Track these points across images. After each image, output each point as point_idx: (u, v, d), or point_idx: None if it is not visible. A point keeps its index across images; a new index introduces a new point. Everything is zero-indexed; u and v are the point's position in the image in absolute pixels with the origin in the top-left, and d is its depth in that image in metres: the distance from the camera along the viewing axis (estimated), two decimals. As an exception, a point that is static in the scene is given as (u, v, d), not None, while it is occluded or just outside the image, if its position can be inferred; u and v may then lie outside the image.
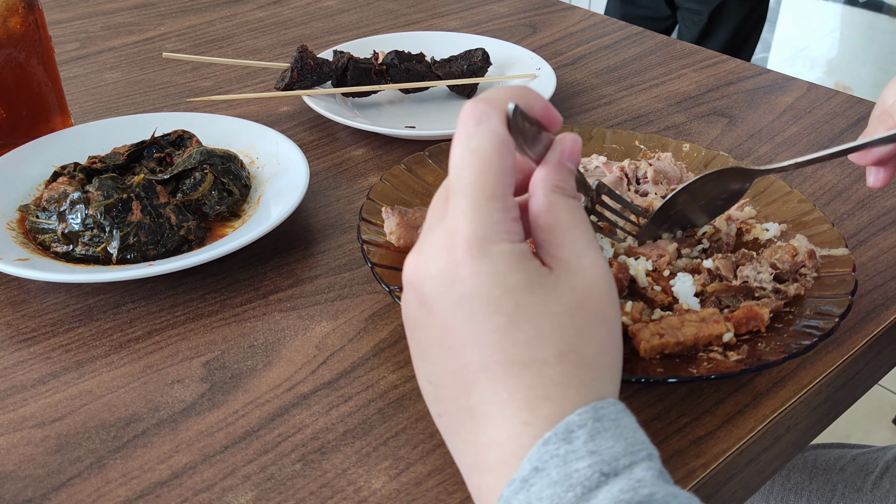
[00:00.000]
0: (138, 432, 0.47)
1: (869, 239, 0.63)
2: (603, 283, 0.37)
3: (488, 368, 0.34)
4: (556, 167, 0.39)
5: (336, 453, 0.45)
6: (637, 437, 0.34)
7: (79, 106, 0.82)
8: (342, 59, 0.79)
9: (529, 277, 0.35)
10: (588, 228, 0.38)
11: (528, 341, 0.34)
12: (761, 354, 0.47)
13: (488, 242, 0.35)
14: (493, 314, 0.34)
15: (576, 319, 0.35)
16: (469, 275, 0.34)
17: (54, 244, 0.57)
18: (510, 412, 0.34)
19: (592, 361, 0.35)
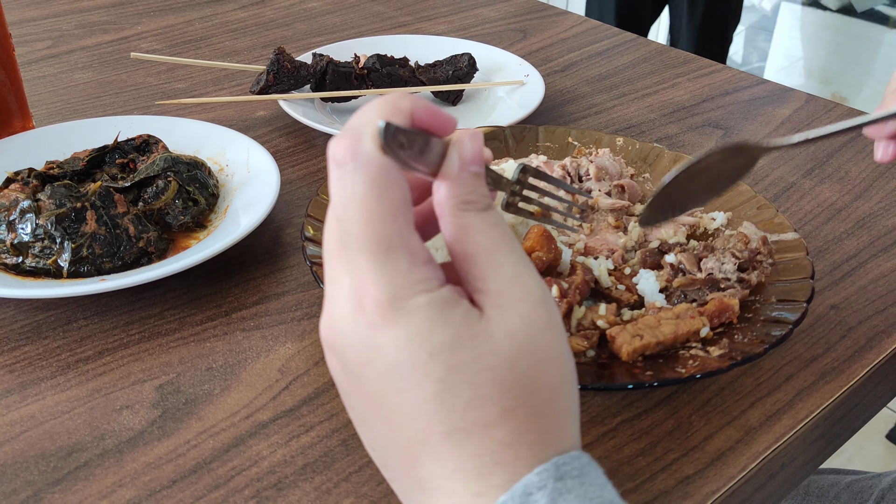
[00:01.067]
0: (80, 463, 0.43)
1: (869, 261, 0.60)
2: (542, 310, 0.31)
3: (428, 441, 0.30)
4: (458, 179, 0.33)
5: (293, 489, 0.42)
6: (604, 495, 0.30)
7: (45, 107, 0.78)
8: (321, 62, 0.75)
9: (456, 331, 0.30)
10: (514, 245, 0.33)
11: (468, 405, 0.30)
12: (742, 347, 0.46)
13: (401, 300, 0.30)
14: (422, 382, 0.30)
15: (518, 367, 0.30)
16: (388, 342, 0.30)
17: (3, 255, 0.54)
18: (460, 485, 0.30)
19: (545, 409, 0.30)
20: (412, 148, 0.31)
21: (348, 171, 0.30)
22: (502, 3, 1.07)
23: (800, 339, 0.52)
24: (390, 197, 0.30)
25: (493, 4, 1.06)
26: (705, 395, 0.48)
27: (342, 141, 0.30)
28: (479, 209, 0.32)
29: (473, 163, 0.33)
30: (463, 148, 0.33)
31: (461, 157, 0.32)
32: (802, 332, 0.53)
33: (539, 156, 0.65)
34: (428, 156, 0.32)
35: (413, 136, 0.31)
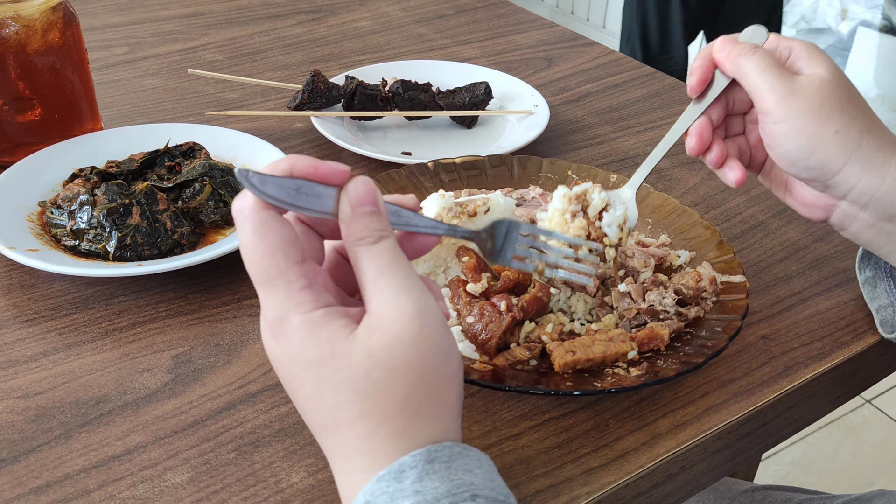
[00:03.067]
0: (105, 411, 0.54)
1: (811, 298, 0.66)
2: (408, 330, 0.39)
3: (315, 429, 0.41)
4: (351, 220, 0.40)
5: (267, 448, 0.52)
6: (466, 478, 0.38)
7: (116, 108, 0.91)
8: (352, 84, 0.85)
9: (322, 349, 0.39)
10: (397, 271, 0.40)
11: (333, 406, 0.39)
12: (659, 370, 0.53)
13: (282, 322, 0.39)
14: (302, 387, 0.40)
15: (373, 378, 0.38)
16: (280, 353, 0.40)
17: (64, 238, 0.65)
18: (337, 463, 0.41)
19: (398, 411, 0.39)
20: (286, 192, 0.39)
21: (238, 222, 0.40)
22: (536, 30, 1.15)
23: (724, 362, 0.59)
24: (268, 240, 0.39)
25: (527, 32, 1.14)
26: (626, 405, 0.56)
27: (236, 200, 0.41)
28: (369, 243, 0.40)
29: (361, 204, 0.40)
30: (351, 193, 0.40)
31: (350, 201, 0.40)
32: (729, 357, 0.60)
33: (535, 187, 0.72)
34: (312, 200, 0.40)
35: (281, 182, 0.39)
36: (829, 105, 0.54)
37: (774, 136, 0.55)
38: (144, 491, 0.49)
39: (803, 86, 0.54)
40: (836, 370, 0.60)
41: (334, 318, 0.40)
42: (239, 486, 0.49)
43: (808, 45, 0.57)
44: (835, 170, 0.54)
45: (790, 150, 0.55)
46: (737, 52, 0.57)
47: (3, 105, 0.74)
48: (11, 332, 0.60)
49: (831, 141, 0.54)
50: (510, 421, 0.54)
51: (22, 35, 0.72)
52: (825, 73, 0.55)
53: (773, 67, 0.55)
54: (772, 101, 0.54)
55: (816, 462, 1.75)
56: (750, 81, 0.56)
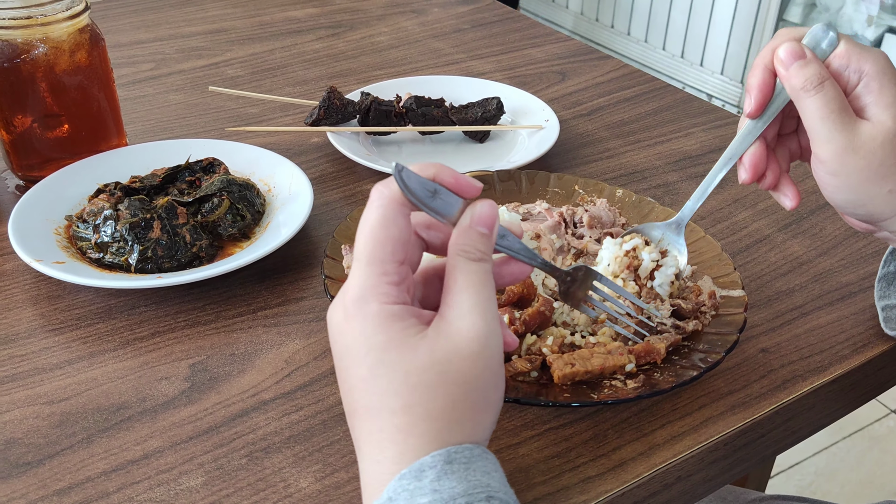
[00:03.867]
0: (125, 417, 0.57)
1: (812, 312, 0.67)
2: (472, 346, 0.41)
3: (357, 409, 0.43)
4: (464, 231, 0.44)
5: (277, 454, 0.54)
6: (483, 480, 0.40)
7: (141, 124, 0.94)
8: (366, 100, 0.88)
9: (390, 338, 0.41)
10: (481, 292, 0.43)
11: (383, 392, 0.41)
12: (655, 383, 0.54)
13: (363, 302, 0.42)
14: (359, 366, 0.42)
15: (426, 377, 0.41)
16: (348, 330, 0.42)
17: (89, 251, 0.69)
18: (368, 448, 0.42)
19: (438, 415, 0.41)
20: (425, 192, 0.43)
21: (372, 206, 0.43)
22: (551, 44, 1.17)
23: (723, 375, 0.61)
24: (388, 231, 0.43)
25: (541, 46, 1.16)
26: (625, 415, 0.57)
27: (378, 186, 0.44)
28: (470, 258, 0.43)
29: (480, 224, 0.44)
30: (476, 210, 0.44)
31: (472, 215, 0.44)
32: (728, 370, 0.61)
33: (542, 202, 0.74)
34: (442, 205, 0.44)
35: (424, 182, 0.43)
36: (887, 164, 0.52)
37: (824, 183, 0.54)
38: (161, 494, 0.51)
39: (864, 142, 0.52)
40: (834, 383, 0.61)
41: (408, 315, 0.42)
42: (250, 490, 0.52)
43: (881, 68, 0.52)
44: (882, 219, 0.55)
45: (838, 200, 0.55)
46: (800, 82, 0.52)
47: (33, 122, 0.77)
48: (38, 341, 0.63)
49: (883, 199, 0.53)
50: (511, 430, 0.56)
51: (51, 56, 0.75)
52: (891, 121, 0.52)
53: (836, 114, 0.52)
54: (827, 153, 0.52)
55: (840, 472, 1.74)
56: (809, 122, 0.53)
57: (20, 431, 0.55)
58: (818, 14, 2.79)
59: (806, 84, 0.52)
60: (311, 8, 1.27)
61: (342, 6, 1.28)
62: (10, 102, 0.76)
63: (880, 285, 0.64)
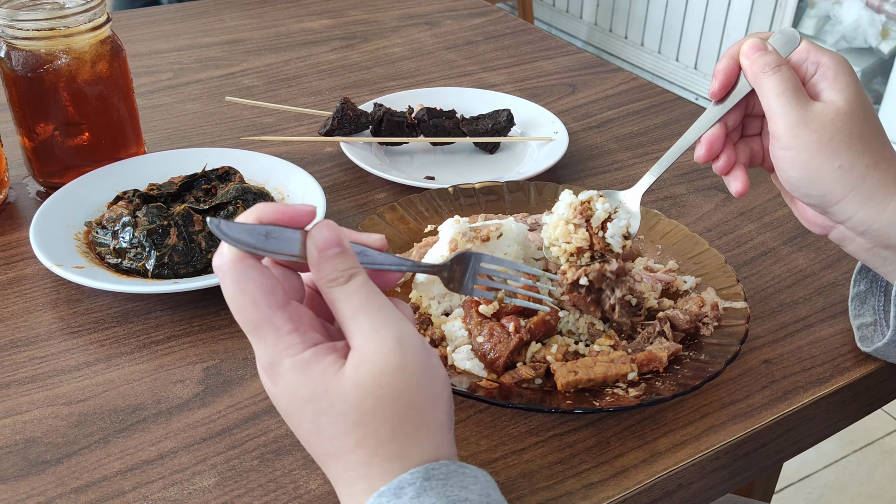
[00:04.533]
0: (140, 419, 0.58)
1: (816, 324, 0.68)
2: (391, 360, 0.42)
3: (318, 457, 0.45)
4: (319, 263, 0.43)
5: (287, 456, 0.56)
6: (461, 494, 0.41)
7: (159, 132, 0.96)
8: (379, 111, 0.90)
9: (314, 387, 0.42)
10: (370, 305, 0.43)
11: (331, 438, 0.43)
12: (656, 391, 0.56)
13: (274, 365, 0.43)
14: (301, 422, 0.44)
15: (364, 409, 0.41)
16: (277, 393, 0.44)
17: (108, 256, 0.70)
18: (341, 487, 0.44)
19: (389, 437, 0.42)
20: (256, 237, 0.42)
21: (219, 278, 0.43)
22: (562, 57, 1.18)
23: (726, 385, 0.62)
24: (248, 291, 0.42)
25: (553, 58, 1.18)
26: (628, 423, 0.59)
27: (215, 259, 0.43)
28: (341, 283, 0.43)
29: (327, 247, 0.43)
30: (315, 237, 0.43)
31: (315, 245, 0.43)
32: (730, 380, 0.62)
33: (549, 213, 0.75)
34: (280, 243, 0.43)
35: (251, 229, 0.42)
36: (837, 139, 0.54)
37: (779, 160, 0.57)
38: (174, 493, 0.53)
39: (815, 116, 0.55)
40: (835, 395, 0.62)
41: (323, 356, 0.43)
42: (261, 491, 0.53)
43: (837, 61, 0.56)
44: (834, 201, 0.56)
45: (792, 177, 0.57)
46: (759, 66, 0.57)
47: (55, 130, 0.80)
48: (58, 344, 0.65)
49: (833, 175, 0.55)
50: (516, 436, 0.57)
51: (73, 66, 0.77)
52: (842, 102, 0.55)
53: (790, 92, 0.55)
54: (781, 126, 0.55)
55: (850, 485, 1.74)
56: (766, 101, 0.56)
57: (39, 431, 0.57)
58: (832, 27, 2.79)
59: (764, 67, 0.57)
60: (325, 19, 1.29)
61: (357, 18, 1.30)
62: (32, 111, 0.78)
63: (853, 304, 0.65)
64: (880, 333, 0.63)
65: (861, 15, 2.71)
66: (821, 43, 2.79)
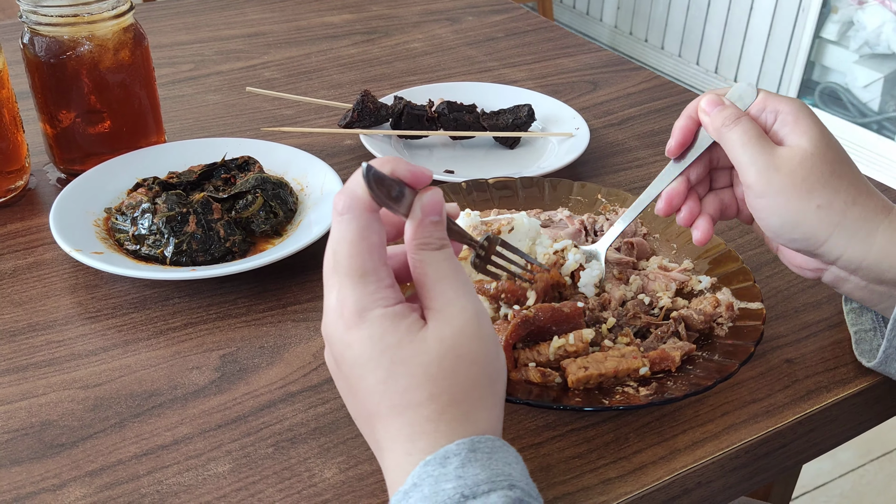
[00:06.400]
0: (156, 404, 0.58)
1: (839, 325, 0.67)
2: (471, 326, 0.44)
3: (380, 412, 0.44)
4: (418, 226, 0.45)
5: (303, 444, 0.55)
6: (505, 469, 0.42)
7: (179, 122, 0.96)
8: (399, 104, 0.89)
9: (400, 336, 0.43)
10: (457, 277, 0.45)
11: (405, 389, 0.43)
12: (667, 391, 0.55)
13: (366, 311, 0.43)
14: (375, 370, 0.43)
15: (444, 365, 0.43)
16: (356, 340, 0.44)
17: (126, 243, 0.70)
18: (397, 444, 0.43)
19: (462, 398, 0.43)
20: (390, 191, 0.44)
21: (345, 219, 0.44)
22: (583, 54, 1.18)
23: (746, 383, 0.61)
24: (370, 240, 0.44)
25: (574, 56, 1.17)
26: (647, 420, 0.58)
27: (342, 197, 0.44)
28: (433, 249, 0.45)
29: (431, 213, 0.45)
30: (424, 201, 0.45)
31: (422, 208, 0.45)
32: (752, 379, 0.61)
33: (564, 209, 0.75)
34: (401, 200, 0.45)
35: (387, 180, 0.44)
36: (810, 179, 0.54)
37: (757, 209, 0.57)
38: (189, 478, 0.53)
39: (784, 161, 0.55)
40: (858, 396, 0.61)
41: (409, 311, 0.44)
42: (276, 479, 0.53)
43: (795, 107, 0.57)
44: (820, 241, 0.56)
45: (773, 224, 0.57)
46: (720, 120, 0.57)
47: (76, 118, 0.80)
48: (75, 328, 0.65)
49: (814, 216, 0.55)
50: (533, 430, 0.57)
51: (95, 53, 0.77)
52: (808, 144, 0.55)
53: (755, 140, 0.56)
54: (753, 175, 0.56)
55: (867, 495, 1.72)
56: (733, 153, 0.57)
57: (56, 414, 0.57)
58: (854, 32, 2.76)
59: (725, 120, 0.57)
60: (347, 14, 1.29)
61: (378, 13, 1.30)
62: (55, 98, 0.79)
63: (850, 317, 0.64)
64: (880, 336, 0.61)
65: (884, 20, 2.68)
66: (843, 49, 2.77)
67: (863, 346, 0.62)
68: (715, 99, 0.59)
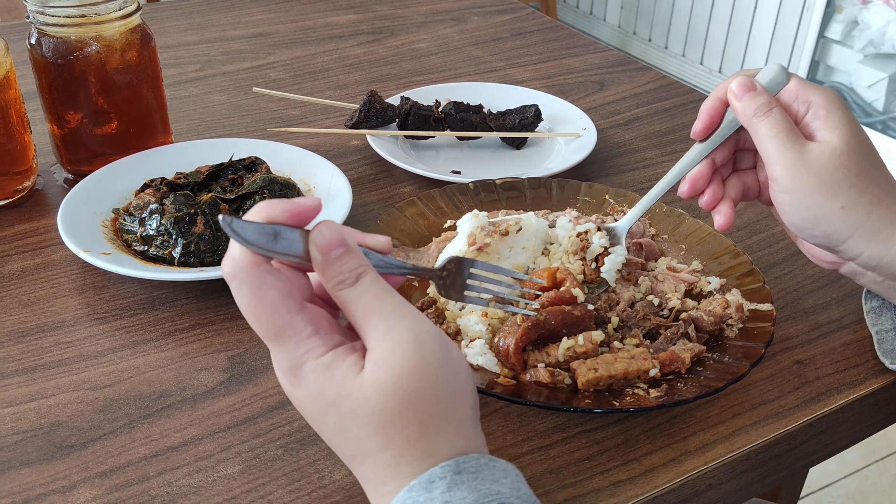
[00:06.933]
0: (165, 405, 0.58)
1: (849, 326, 0.67)
2: (410, 360, 0.40)
3: (345, 458, 0.44)
4: (322, 268, 0.42)
5: (312, 446, 0.55)
6: (493, 488, 0.41)
7: (186, 123, 0.96)
8: (406, 104, 0.89)
9: (338, 390, 0.41)
10: (384, 307, 0.41)
11: (357, 439, 0.42)
12: (678, 392, 0.54)
13: (297, 368, 0.42)
14: (326, 425, 0.43)
15: (389, 409, 0.40)
16: (299, 396, 0.43)
17: (134, 244, 0.70)
18: (370, 486, 0.43)
19: (417, 436, 0.41)
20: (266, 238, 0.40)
21: (234, 285, 0.42)
22: (589, 54, 1.17)
23: (756, 385, 0.61)
24: (268, 299, 0.41)
25: (580, 56, 1.17)
26: (657, 421, 0.58)
27: (225, 263, 0.42)
28: (349, 285, 0.42)
29: (329, 250, 0.42)
30: (316, 240, 0.41)
31: (318, 248, 0.42)
32: (762, 381, 0.61)
33: (572, 210, 0.74)
34: (287, 244, 0.41)
35: (261, 228, 0.40)
36: (837, 178, 0.54)
37: (781, 203, 0.57)
38: (199, 480, 0.52)
39: (812, 158, 0.54)
40: (869, 398, 0.61)
41: (343, 357, 0.42)
42: (285, 480, 0.53)
43: (828, 98, 0.56)
44: (840, 240, 0.56)
45: (795, 219, 0.56)
46: (751, 109, 0.56)
47: (83, 118, 0.80)
48: (84, 329, 0.65)
49: (837, 216, 0.54)
50: (543, 432, 0.57)
51: (103, 54, 0.77)
52: (839, 141, 0.55)
53: (785, 133, 0.55)
54: (780, 169, 0.55)
55: (871, 496, 1.71)
56: (761, 144, 0.56)
57: (65, 415, 0.57)
58: (860, 31, 2.76)
59: (757, 111, 0.56)
60: (352, 14, 1.29)
61: (383, 13, 1.30)
62: (62, 98, 0.79)
63: (870, 317, 0.64)
64: None
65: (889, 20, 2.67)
66: (847, 48, 2.76)
67: (885, 346, 0.61)
68: (747, 82, 0.57)
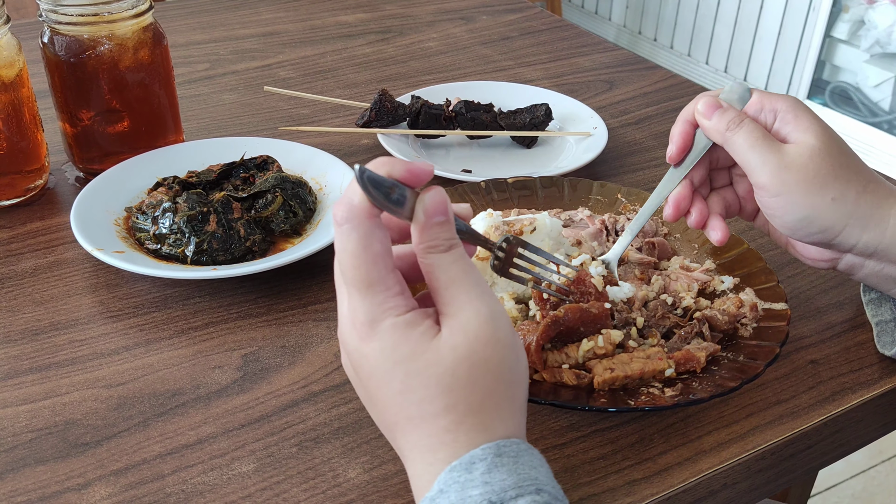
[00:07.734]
0: (179, 403, 0.58)
1: (863, 325, 0.67)
2: (485, 331, 0.42)
3: (398, 423, 0.43)
4: (423, 229, 0.43)
5: (327, 444, 0.55)
6: (531, 473, 0.41)
7: (196, 121, 0.96)
8: (417, 103, 0.89)
9: (413, 347, 0.42)
10: (468, 278, 0.43)
11: (421, 400, 0.42)
12: (693, 392, 0.54)
13: (376, 322, 0.42)
14: (391, 381, 0.43)
15: (459, 374, 0.42)
16: (370, 352, 0.43)
17: (147, 242, 0.70)
18: (418, 455, 0.43)
19: (479, 406, 0.42)
20: (386, 193, 0.42)
21: (345, 230, 0.43)
22: (599, 53, 1.17)
23: (771, 384, 0.61)
24: (372, 249, 0.42)
25: (589, 55, 1.17)
26: (671, 421, 0.58)
27: (340, 206, 0.43)
28: (441, 251, 0.43)
29: (435, 215, 0.43)
30: (426, 203, 0.43)
31: (424, 210, 0.43)
32: (776, 380, 0.61)
33: (584, 209, 0.74)
34: (403, 203, 0.42)
35: (385, 183, 0.42)
36: (822, 173, 0.55)
37: (772, 208, 0.57)
38: (213, 478, 0.52)
39: (794, 158, 0.55)
40: (884, 397, 0.61)
41: (422, 319, 0.43)
42: (300, 479, 0.53)
43: (793, 103, 0.57)
44: (836, 232, 0.56)
45: (789, 221, 0.57)
46: (723, 124, 0.57)
47: (95, 117, 0.80)
48: (97, 327, 0.65)
49: (829, 209, 0.55)
50: (558, 430, 0.57)
51: (115, 53, 0.77)
52: (814, 139, 0.56)
53: (762, 141, 0.56)
54: (765, 176, 0.56)
55: (878, 496, 1.71)
56: (740, 156, 0.57)
57: (79, 413, 0.57)
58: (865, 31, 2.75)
59: (729, 124, 0.57)
60: (361, 13, 1.29)
61: (392, 12, 1.30)
62: (74, 97, 0.79)
63: (869, 308, 0.64)
64: None
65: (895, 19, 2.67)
66: (853, 48, 2.75)
67: (884, 337, 0.62)
68: (712, 102, 0.58)
